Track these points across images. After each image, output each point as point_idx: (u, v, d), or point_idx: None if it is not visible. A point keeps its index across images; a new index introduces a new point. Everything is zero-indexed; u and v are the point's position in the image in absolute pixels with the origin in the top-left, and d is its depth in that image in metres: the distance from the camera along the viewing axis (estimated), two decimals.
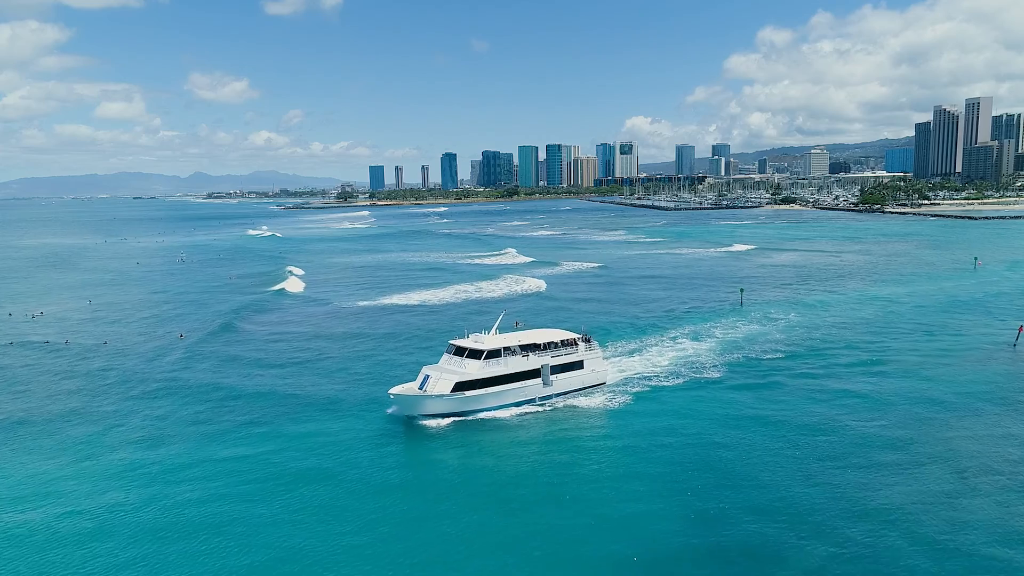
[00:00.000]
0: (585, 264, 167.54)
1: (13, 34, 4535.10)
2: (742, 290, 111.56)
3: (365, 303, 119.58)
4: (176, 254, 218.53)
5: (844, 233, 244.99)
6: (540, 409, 62.85)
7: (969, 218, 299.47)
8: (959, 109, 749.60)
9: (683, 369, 73.34)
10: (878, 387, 66.56)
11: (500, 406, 62.52)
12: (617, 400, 64.69)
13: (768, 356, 77.92)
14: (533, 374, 64.25)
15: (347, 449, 54.23)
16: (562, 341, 67.63)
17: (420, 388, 60.87)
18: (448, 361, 64.00)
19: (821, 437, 54.27)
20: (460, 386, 60.40)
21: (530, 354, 64.56)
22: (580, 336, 69.75)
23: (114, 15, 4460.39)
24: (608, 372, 69.78)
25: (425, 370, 62.70)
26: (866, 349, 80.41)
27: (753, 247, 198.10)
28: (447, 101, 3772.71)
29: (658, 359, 77.41)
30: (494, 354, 62.60)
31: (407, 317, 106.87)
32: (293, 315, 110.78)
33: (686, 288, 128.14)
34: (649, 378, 70.39)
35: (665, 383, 68.89)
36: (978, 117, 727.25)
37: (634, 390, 66.96)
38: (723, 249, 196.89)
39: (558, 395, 65.48)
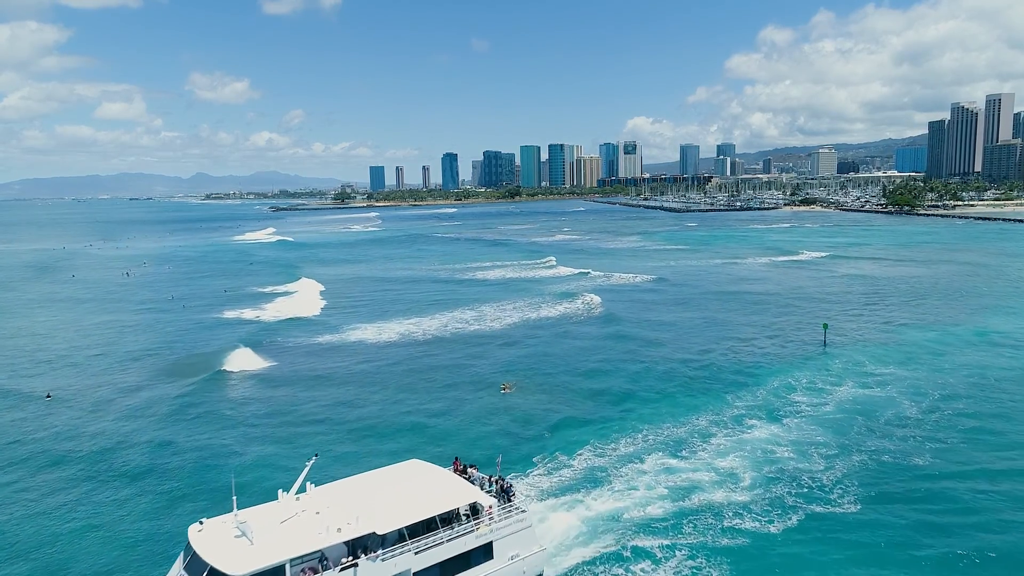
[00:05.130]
0: (638, 276, 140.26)
1: (12, 34, 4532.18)
2: (826, 326, 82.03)
3: (378, 336, 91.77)
4: (134, 264, 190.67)
5: (892, 239, 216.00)
6: None
7: (1020, 221, 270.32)
8: (979, 106, 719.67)
9: (780, 489, 43.58)
10: None
11: None
12: None
13: (918, 459, 48.32)
14: None
15: None
16: (441, 516, 32.33)
17: None
18: None
19: None
20: None
21: (364, 554, 30.05)
22: (491, 482, 35.83)
23: (113, 15, 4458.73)
24: (545, 556, 35.00)
25: None
26: None
27: (824, 254, 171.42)
28: (447, 101, 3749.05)
29: (722, 461, 47.56)
30: None
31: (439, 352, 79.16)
32: (237, 364, 78.50)
33: (749, 310, 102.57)
34: (721, 521, 40.29)
35: (753, 527, 39.38)
36: (999, 115, 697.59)
37: (712, 554, 37.40)
38: (783, 258, 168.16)
39: None
